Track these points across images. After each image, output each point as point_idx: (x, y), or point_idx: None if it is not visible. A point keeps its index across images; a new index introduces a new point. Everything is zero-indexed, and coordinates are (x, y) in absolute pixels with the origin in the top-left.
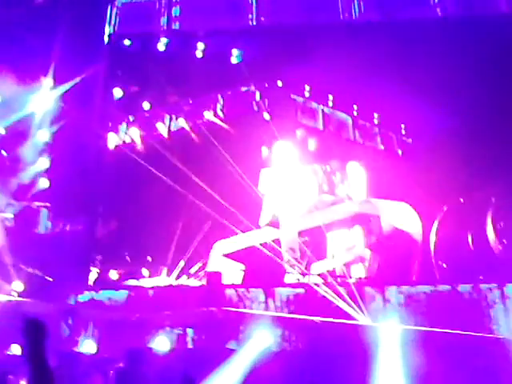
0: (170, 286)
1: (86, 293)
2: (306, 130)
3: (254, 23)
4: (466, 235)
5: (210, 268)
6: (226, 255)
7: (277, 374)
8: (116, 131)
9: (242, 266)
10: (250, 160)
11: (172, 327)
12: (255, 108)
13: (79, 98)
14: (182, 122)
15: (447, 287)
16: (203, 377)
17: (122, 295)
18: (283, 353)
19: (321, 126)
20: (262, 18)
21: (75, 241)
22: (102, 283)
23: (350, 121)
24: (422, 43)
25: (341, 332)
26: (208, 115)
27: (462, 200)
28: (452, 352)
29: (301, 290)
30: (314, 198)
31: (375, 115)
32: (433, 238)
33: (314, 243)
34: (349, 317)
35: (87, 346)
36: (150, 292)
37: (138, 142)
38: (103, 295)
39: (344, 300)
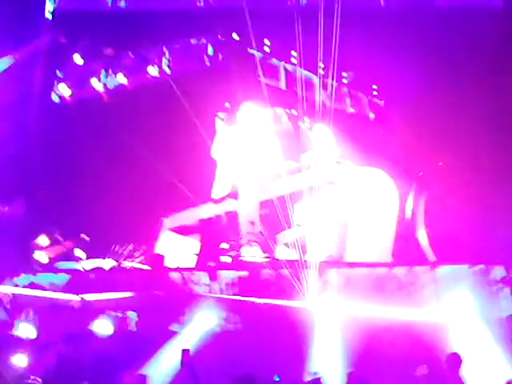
0: (112, 269)
1: (24, 276)
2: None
3: (202, 4)
4: (447, 201)
5: (159, 246)
6: (176, 230)
7: (219, 355)
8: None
9: (196, 246)
10: (201, 123)
11: (114, 310)
12: (207, 63)
13: (16, 76)
14: (120, 78)
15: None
16: (146, 359)
17: (62, 278)
18: (225, 334)
19: (283, 86)
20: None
21: (14, 223)
22: (41, 265)
23: (315, 80)
24: None
25: (282, 313)
26: (152, 71)
27: (440, 164)
28: (387, 333)
29: (244, 273)
30: (276, 164)
31: (344, 74)
32: (409, 207)
33: (276, 214)
34: (290, 298)
35: (25, 329)
36: (91, 275)
37: (69, 101)
38: (43, 278)
39: (287, 281)
